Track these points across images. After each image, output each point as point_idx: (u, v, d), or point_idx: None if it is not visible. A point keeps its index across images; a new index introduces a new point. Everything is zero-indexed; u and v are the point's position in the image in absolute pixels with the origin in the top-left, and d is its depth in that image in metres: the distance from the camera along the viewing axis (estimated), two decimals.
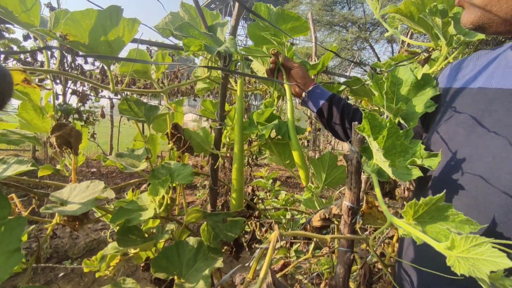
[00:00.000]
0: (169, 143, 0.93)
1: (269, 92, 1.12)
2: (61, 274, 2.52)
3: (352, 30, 15.05)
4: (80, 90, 3.85)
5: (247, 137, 1.22)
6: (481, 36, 0.72)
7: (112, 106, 5.05)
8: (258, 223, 1.38)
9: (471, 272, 0.34)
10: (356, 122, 0.59)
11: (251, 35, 0.97)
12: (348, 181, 0.65)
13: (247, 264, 0.62)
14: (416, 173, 0.58)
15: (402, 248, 0.69)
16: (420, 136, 0.79)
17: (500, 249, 0.35)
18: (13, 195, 0.82)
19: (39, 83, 0.72)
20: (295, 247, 1.85)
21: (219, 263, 0.82)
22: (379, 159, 0.50)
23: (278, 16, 0.87)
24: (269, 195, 2.01)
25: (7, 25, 2.86)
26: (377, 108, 1.20)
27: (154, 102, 1.02)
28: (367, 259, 0.66)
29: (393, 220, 0.46)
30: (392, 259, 0.80)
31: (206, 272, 0.78)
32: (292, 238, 1.40)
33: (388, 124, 0.52)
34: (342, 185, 1.34)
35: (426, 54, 0.84)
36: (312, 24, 4.93)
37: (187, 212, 0.87)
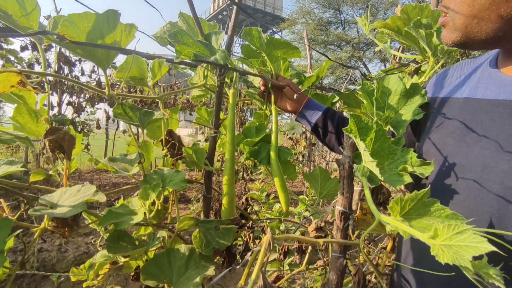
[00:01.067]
0: (163, 149, 0.93)
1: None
2: None
3: (346, 49, 15.43)
4: (76, 102, 3.85)
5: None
6: None
7: (108, 118, 5.05)
8: (251, 235, 1.36)
9: (455, 260, 0.35)
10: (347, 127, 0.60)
11: (245, 54, 1.00)
12: (340, 186, 0.65)
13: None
14: (407, 179, 0.59)
15: (400, 256, 0.69)
16: (413, 144, 0.80)
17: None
18: (1, 200, 0.81)
19: (35, 86, 0.72)
20: (288, 260, 1.82)
21: (210, 271, 0.80)
22: (367, 160, 0.51)
23: (268, 43, 0.90)
24: (263, 208, 2.00)
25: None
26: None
27: None
28: (363, 269, 0.66)
29: (381, 217, 0.47)
30: (386, 269, 0.79)
31: (197, 279, 0.77)
32: (286, 249, 1.38)
33: (375, 126, 0.53)
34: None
35: (415, 65, 0.86)
36: (308, 42, 5.05)
37: (179, 219, 0.86)
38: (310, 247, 1.37)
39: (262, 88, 1.03)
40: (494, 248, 0.34)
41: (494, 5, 0.53)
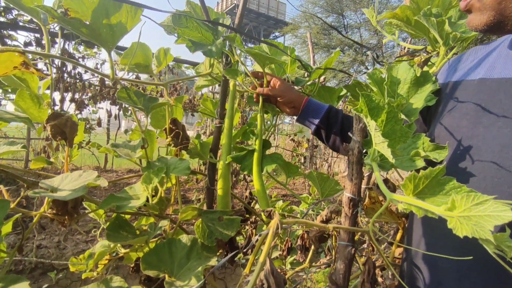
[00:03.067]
0: (167, 138, 0.91)
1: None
2: (45, 286, 2.41)
3: (348, 53, 15.46)
4: (78, 97, 3.85)
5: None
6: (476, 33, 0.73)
7: (110, 116, 5.04)
8: (254, 230, 1.34)
9: (474, 232, 0.32)
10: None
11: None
12: (349, 172, 0.63)
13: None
14: (420, 163, 0.57)
15: (410, 243, 0.66)
16: (425, 133, 0.78)
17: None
18: (0, 186, 0.79)
19: (37, 67, 0.71)
20: (290, 259, 1.79)
21: (213, 262, 0.78)
22: (378, 141, 0.49)
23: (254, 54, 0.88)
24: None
25: (10, 32, 2.90)
26: None
27: None
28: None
29: (392, 196, 0.45)
30: (396, 259, 0.77)
31: (199, 270, 0.75)
32: (289, 245, 1.36)
33: (387, 107, 0.51)
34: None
35: (425, 55, 0.84)
36: (311, 44, 5.04)
37: (182, 209, 0.84)
38: (313, 246, 1.35)
39: (254, 94, 0.99)
40: None
41: None
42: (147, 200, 0.72)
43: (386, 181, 0.92)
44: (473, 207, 0.34)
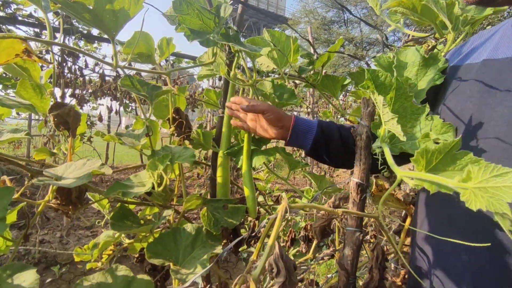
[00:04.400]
0: (170, 127, 0.90)
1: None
2: (48, 280, 2.42)
3: (348, 48, 15.39)
4: (79, 93, 3.83)
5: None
6: (488, 11, 0.72)
7: (110, 111, 5.03)
8: (257, 222, 1.34)
9: (489, 206, 0.31)
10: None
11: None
12: (357, 157, 0.63)
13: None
14: (431, 146, 0.56)
15: (415, 226, 0.66)
16: None
17: None
18: (4, 176, 0.79)
19: (40, 55, 0.70)
20: (293, 251, 1.79)
21: (218, 249, 0.78)
22: (387, 118, 0.48)
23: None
24: (268, 199, 1.98)
25: (9, 27, 2.88)
26: None
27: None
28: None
29: (403, 173, 0.44)
30: (405, 246, 0.77)
31: (205, 258, 0.74)
32: (293, 236, 1.36)
33: (395, 83, 0.49)
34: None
35: (433, 41, 0.83)
36: (312, 38, 5.00)
37: (186, 198, 0.83)
38: (315, 240, 1.35)
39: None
40: None
41: None
42: (153, 187, 0.72)
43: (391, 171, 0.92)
44: (491, 179, 0.32)
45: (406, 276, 0.84)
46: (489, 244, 0.51)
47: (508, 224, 0.32)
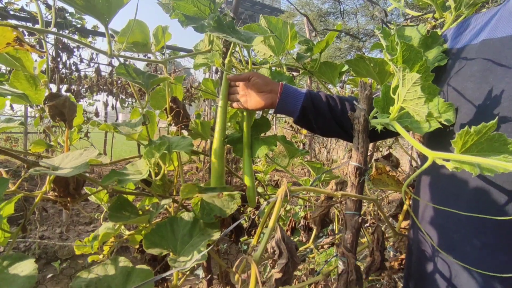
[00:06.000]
0: (167, 117, 0.89)
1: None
2: (49, 275, 2.42)
3: (345, 39, 15.29)
4: (74, 88, 3.80)
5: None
6: None
7: (106, 106, 4.99)
8: (256, 212, 1.34)
9: None
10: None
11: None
12: (355, 140, 0.63)
13: None
14: (435, 124, 0.56)
15: (417, 212, 0.66)
16: None
17: None
18: (0, 169, 0.78)
19: (32, 44, 0.68)
20: (294, 239, 1.80)
21: (216, 236, 0.77)
22: (412, 97, 0.45)
23: None
24: (267, 189, 1.98)
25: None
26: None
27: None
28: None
29: (437, 155, 0.42)
30: (402, 230, 0.77)
31: (203, 244, 0.74)
32: (293, 225, 1.36)
33: (424, 61, 0.47)
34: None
35: (433, 22, 0.82)
36: (308, 29, 4.98)
37: (183, 186, 0.83)
38: (314, 230, 1.35)
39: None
40: None
41: None
42: (150, 176, 0.71)
43: (389, 155, 0.92)
44: None
45: (403, 262, 0.84)
46: (496, 218, 0.51)
47: None
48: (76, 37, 3.37)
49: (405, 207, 0.67)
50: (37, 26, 0.78)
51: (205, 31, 0.79)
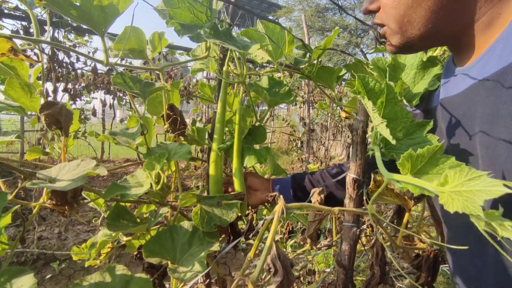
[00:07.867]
0: (164, 124, 0.89)
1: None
2: (48, 276, 2.43)
3: (343, 35, 15.25)
4: (71, 87, 3.77)
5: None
6: None
7: (104, 105, 4.96)
8: (255, 215, 1.34)
9: (465, 208, 0.32)
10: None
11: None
12: (353, 152, 0.63)
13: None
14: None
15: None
16: None
17: None
18: None
19: (27, 54, 0.68)
20: (291, 242, 1.81)
21: (215, 247, 0.78)
22: (377, 122, 0.48)
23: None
24: None
25: None
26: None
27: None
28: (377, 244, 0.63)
29: (389, 176, 0.45)
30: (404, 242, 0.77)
31: (202, 256, 0.74)
32: (291, 228, 1.37)
33: (385, 89, 0.50)
34: None
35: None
36: (306, 26, 4.96)
37: (181, 195, 0.83)
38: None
39: None
40: (509, 191, 0.31)
41: (416, 2, 0.56)
42: (151, 186, 0.71)
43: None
44: (465, 182, 0.34)
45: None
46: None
47: (482, 224, 0.33)
48: (72, 36, 3.34)
49: (405, 220, 0.68)
50: (32, 31, 0.77)
51: (201, 41, 0.78)
